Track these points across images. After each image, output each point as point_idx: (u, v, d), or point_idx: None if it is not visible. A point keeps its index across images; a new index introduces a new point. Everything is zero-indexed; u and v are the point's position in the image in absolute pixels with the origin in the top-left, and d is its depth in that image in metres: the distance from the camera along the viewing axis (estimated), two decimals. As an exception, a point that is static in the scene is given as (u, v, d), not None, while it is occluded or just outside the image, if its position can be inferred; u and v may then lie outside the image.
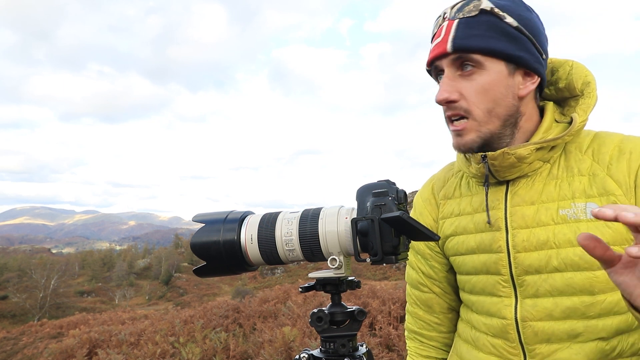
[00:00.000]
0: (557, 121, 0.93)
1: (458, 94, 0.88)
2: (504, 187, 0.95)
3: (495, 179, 0.95)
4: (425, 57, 0.96)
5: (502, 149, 0.88)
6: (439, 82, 0.93)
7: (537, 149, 0.89)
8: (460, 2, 0.90)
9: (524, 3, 0.90)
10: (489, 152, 0.90)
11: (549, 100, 0.97)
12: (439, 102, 0.90)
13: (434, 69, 0.93)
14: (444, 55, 0.88)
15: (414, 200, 1.16)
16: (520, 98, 0.90)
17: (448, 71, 0.89)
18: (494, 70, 0.86)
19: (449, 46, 0.87)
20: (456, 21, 0.88)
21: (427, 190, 1.13)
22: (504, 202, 0.94)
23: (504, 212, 0.93)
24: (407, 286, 1.20)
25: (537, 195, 0.90)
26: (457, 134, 0.91)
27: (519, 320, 0.90)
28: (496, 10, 0.86)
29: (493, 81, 0.87)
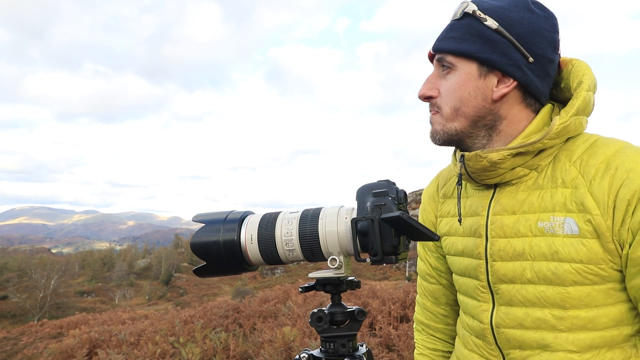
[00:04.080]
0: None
1: (437, 91, 0.93)
2: (490, 194, 0.94)
3: (475, 182, 0.94)
4: (422, 57, 1.01)
5: (476, 151, 0.88)
6: None
7: (515, 155, 0.86)
8: (456, 6, 0.93)
9: (529, 2, 0.88)
10: (466, 153, 0.90)
11: (558, 101, 0.94)
12: (419, 97, 0.96)
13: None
14: (432, 55, 0.95)
15: (422, 194, 1.19)
16: (494, 101, 0.88)
17: (435, 69, 0.95)
18: (464, 71, 0.89)
19: (432, 47, 0.94)
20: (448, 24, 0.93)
21: (433, 186, 1.15)
22: (487, 209, 0.93)
23: (485, 219, 0.93)
24: (418, 277, 1.22)
25: (519, 205, 0.89)
26: (430, 124, 0.96)
27: (493, 326, 0.92)
28: (478, 12, 0.87)
29: (461, 81, 0.89)
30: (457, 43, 0.88)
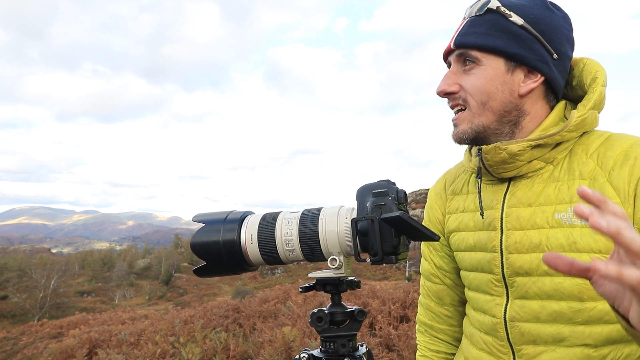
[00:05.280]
0: (567, 119, 0.91)
1: (458, 86, 0.92)
2: (504, 188, 0.95)
3: (491, 175, 0.95)
4: (421, 57, 1.00)
5: (495, 143, 0.89)
6: None
7: (534, 147, 0.87)
8: (475, 1, 0.93)
9: (547, 2, 0.90)
10: (484, 146, 0.91)
11: (568, 99, 0.96)
12: (438, 94, 0.95)
13: (448, 63, 0.97)
14: (451, 50, 0.94)
15: (428, 193, 1.19)
16: (521, 96, 0.90)
17: (454, 66, 0.94)
18: (491, 66, 0.89)
19: (452, 43, 0.93)
20: (466, 19, 0.92)
21: (440, 184, 1.15)
22: (502, 202, 0.93)
23: (500, 212, 0.93)
24: (421, 278, 1.21)
25: (534, 197, 0.89)
26: (454, 124, 0.95)
27: (507, 320, 0.91)
28: (502, 8, 0.88)
29: (488, 76, 0.89)
30: (483, 38, 0.89)
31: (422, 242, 1.15)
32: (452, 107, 0.95)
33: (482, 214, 0.96)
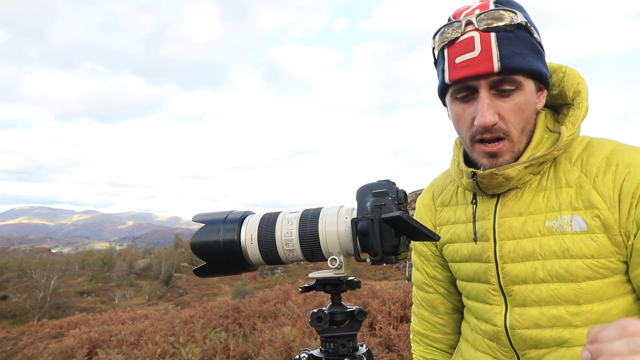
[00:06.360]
0: (549, 129, 0.91)
1: (497, 116, 0.83)
2: (494, 198, 0.95)
3: (484, 193, 0.95)
4: (420, 57, 0.96)
5: (491, 170, 0.87)
6: (456, 100, 0.88)
7: (526, 167, 0.87)
8: (485, 10, 0.83)
9: None
10: (478, 171, 0.90)
11: (546, 106, 0.96)
12: (485, 127, 0.83)
13: (463, 87, 0.85)
14: (486, 75, 0.81)
15: (416, 204, 1.17)
16: (537, 112, 0.90)
17: (485, 92, 0.83)
18: (529, 89, 0.85)
19: (496, 66, 0.80)
20: (494, 35, 0.81)
21: (428, 195, 1.14)
22: (493, 213, 0.94)
23: (492, 223, 0.93)
24: (413, 287, 1.21)
25: (525, 207, 0.90)
26: (492, 155, 0.87)
27: (508, 328, 0.92)
28: (528, 25, 0.84)
29: (528, 100, 0.85)
30: (525, 60, 0.82)
31: (413, 253, 1.15)
32: (490, 139, 0.85)
33: (475, 240, 0.95)
